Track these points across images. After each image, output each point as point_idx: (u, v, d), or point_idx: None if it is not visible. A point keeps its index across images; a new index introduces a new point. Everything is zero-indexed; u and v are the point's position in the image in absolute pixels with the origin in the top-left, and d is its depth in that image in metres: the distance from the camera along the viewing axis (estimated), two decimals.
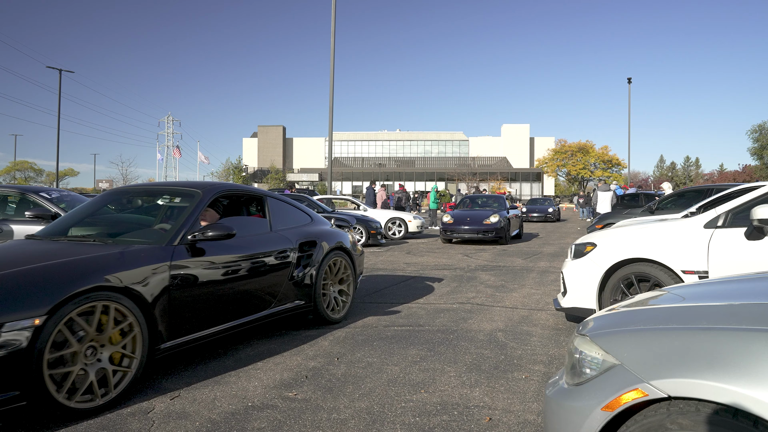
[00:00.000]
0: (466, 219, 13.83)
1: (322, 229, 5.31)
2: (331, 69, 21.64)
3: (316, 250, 4.99)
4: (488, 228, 13.42)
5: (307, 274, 4.84)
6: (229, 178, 58.37)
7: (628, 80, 40.34)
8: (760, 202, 4.09)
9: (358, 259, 5.73)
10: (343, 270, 5.43)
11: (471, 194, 21.13)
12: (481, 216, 13.83)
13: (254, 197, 5.08)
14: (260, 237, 4.53)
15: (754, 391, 1.37)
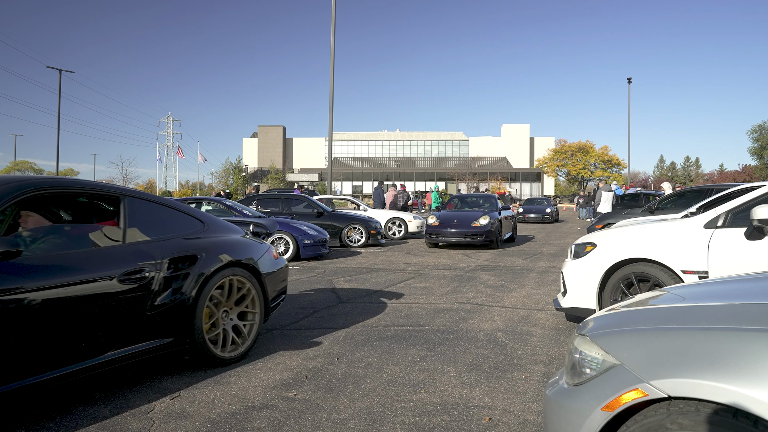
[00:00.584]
0: (452, 221, 12.60)
1: (215, 241, 4.05)
2: (331, 69, 21.63)
3: (198, 266, 3.74)
4: (477, 231, 12.21)
5: (178, 301, 3.58)
6: (228, 178, 58.36)
7: (628, 80, 40.35)
8: (760, 202, 4.09)
9: (272, 277, 4.48)
10: (246, 292, 4.17)
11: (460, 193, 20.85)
12: (470, 218, 12.58)
13: (102, 197, 3.71)
14: (94, 253, 3.32)
15: (754, 391, 1.37)
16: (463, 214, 13.12)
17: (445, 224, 12.61)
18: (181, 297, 3.61)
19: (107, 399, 3.26)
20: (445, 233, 12.48)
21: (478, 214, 12.70)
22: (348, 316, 5.54)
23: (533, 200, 29.07)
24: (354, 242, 12.93)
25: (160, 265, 3.51)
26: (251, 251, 4.30)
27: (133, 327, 3.36)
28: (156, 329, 3.48)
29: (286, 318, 5.47)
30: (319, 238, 10.60)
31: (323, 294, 6.82)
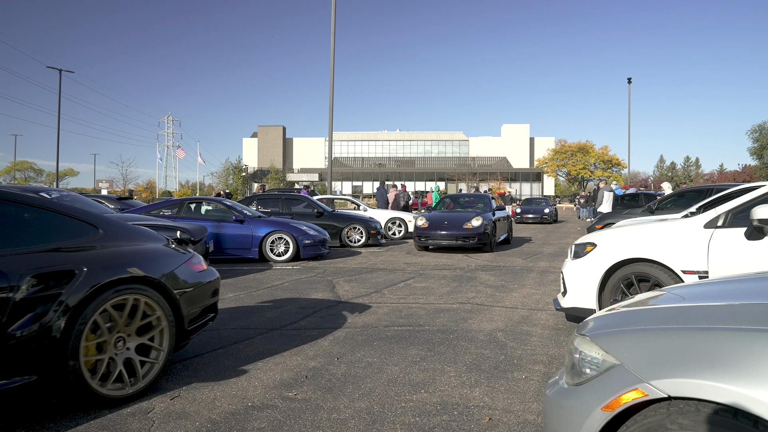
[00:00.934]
0: (443, 222, 11.76)
1: (109, 252, 3.29)
2: (331, 69, 21.62)
3: (75, 285, 2.96)
4: (469, 233, 11.39)
5: (41, 330, 2.81)
6: (228, 178, 58.36)
7: (628, 80, 40.35)
8: (760, 202, 4.09)
9: (192, 295, 3.70)
10: (155, 321, 3.41)
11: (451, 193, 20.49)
12: (461, 219, 11.74)
13: None
14: None
15: (754, 391, 1.37)
16: (455, 214, 12.25)
17: (435, 226, 11.72)
18: (46, 324, 2.83)
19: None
20: (434, 235, 11.58)
21: (471, 215, 11.91)
22: (348, 316, 5.54)
23: (531, 200, 28.08)
24: (354, 242, 12.93)
25: (16, 286, 2.74)
26: (161, 264, 3.53)
27: None
28: (10, 367, 2.73)
29: (286, 318, 5.47)
30: (319, 238, 10.59)
31: (323, 294, 6.82)
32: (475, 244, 11.55)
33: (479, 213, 12.11)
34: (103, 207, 8.33)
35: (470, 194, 15.35)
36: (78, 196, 8.28)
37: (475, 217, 11.70)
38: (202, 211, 10.79)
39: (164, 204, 10.80)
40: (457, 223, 11.71)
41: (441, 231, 11.60)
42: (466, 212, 12.47)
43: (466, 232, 11.49)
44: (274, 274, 8.61)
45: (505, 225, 13.65)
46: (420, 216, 12.32)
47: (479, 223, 11.57)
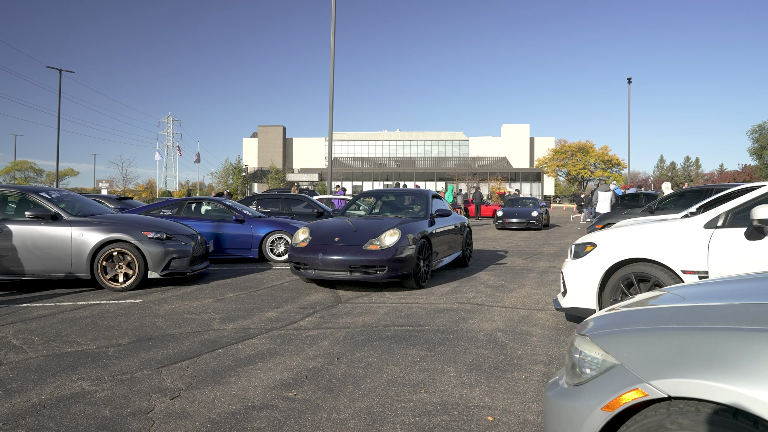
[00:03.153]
0: (332, 240, 7.11)
1: None
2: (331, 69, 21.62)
3: None
4: (372, 260, 6.75)
5: None
6: (228, 178, 58.35)
7: (628, 80, 40.36)
8: (760, 202, 4.09)
9: None
10: None
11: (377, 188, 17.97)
12: (364, 234, 7.13)
13: None
14: None
15: (754, 391, 1.37)
16: (357, 225, 7.47)
17: (320, 246, 7.00)
18: None
19: (107, 399, 3.26)
20: (316, 262, 6.84)
21: (383, 228, 7.15)
22: (348, 316, 5.54)
23: (516, 200, 22.64)
24: None
25: None
26: None
27: None
28: None
29: (286, 318, 5.47)
30: None
31: (323, 294, 6.82)
32: (384, 277, 6.73)
33: (401, 223, 7.38)
34: (103, 207, 8.32)
35: (402, 191, 10.10)
36: (78, 196, 8.28)
37: (389, 231, 7.00)
38: (202, 211, 10.79)
39: (164, 204, 10.80)
40: (355, 241, 6.96)
41: (327, 255, 6.81)
42: (380, 221, 7.65)
43: (367, 258, 6.72)
44: (274, 274, 8.61)
45: (457, 240, 9.05)
46: (303, 228, 7.66)
47: (393, 240, 6.86)
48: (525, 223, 19.74)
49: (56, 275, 6.94)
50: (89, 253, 6.91)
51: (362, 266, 6.78)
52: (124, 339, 4.63)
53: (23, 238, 6.84)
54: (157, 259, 7.10)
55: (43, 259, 6.88)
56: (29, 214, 6.87)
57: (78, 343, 4.50)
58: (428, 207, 8.44)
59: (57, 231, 6.94)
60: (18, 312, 5.70)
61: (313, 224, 7.77)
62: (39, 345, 4.43)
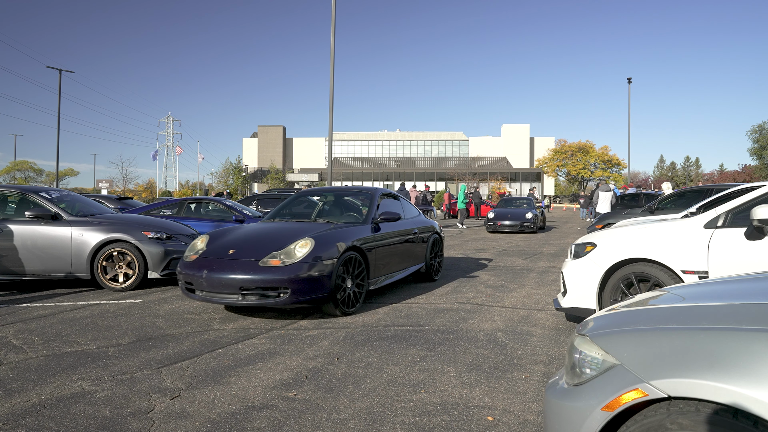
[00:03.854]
0: (212, 265, 5.29)
1: None
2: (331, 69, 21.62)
3: None
4: (272, 279, 5.05)
5: None
6: (228, 178, 58.35)
7: (628, 80, 40.33)
8: (760, 202, 4.09)
9: None
10: None
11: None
12: (247, 254, 5.36)
13: None
14: None
15: (754, 391, 1.37)
16: (267, 233, 5.89)
17: (208, 261, 5.40)
18: None
19: (107, 399, 3.26)
20: (200, 282, 5.27)
21: (294, 236, 5.53)
22: (348, 316, 5.54)
23: (510, 200, 20.76)
24: None
25: None
26: None
27: None
28: None
29: (286, 318, 5.46)
30: None
31: None
32: (290, 302, 5.12)
33: (321, 230, 5.74)
34: (103, 207, 8.32)
35: (346, 189, 7.95)
36: (78, 196, 8.28)
37: (299, 241, 5.34)
38: (202, 211, 10.79)
39: (164, 204, 10.80)
40: (252, 254, 5.34)
41: (213, 273, 5.20)
42: (295, 228, 5.96)
43: (263, 277, 5.05)
44: None
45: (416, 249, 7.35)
46: (203, 235, 5.99)
47: (303, 253, 5.23)
48: (518, 225, 17.84)
49: (56, 275, 6.94)
50: (89, 253, 6.91)
51: (257, 288, 5.03)
52: (124, 339, 4.63)
53: (23, 238, 6.84)
54: (157, 259, 7.10)
55: (43, 259, 6.87)
56: (29, 214, 6.87)
57: (78, 343, 4.50)
58: (371, 210, 6.63)
59: (57, 231, 6.94)
60: (18, 312, 5.70)
61: (216, 231, 6.10)
62: (39, 345, 4.43)
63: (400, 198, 7.76)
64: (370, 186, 8.73)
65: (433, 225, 8.13)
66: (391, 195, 7.55)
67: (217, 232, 6.07)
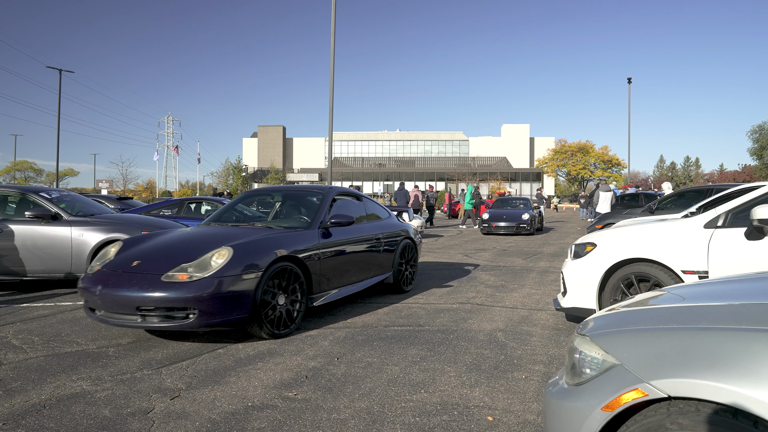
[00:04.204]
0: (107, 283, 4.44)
1: None
2: (331, 69, 21.62)
3: None
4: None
5: None
6: (228, 178, 58.36)
7: (628, 80, 40.33)
8: (760, 202, 4.09)
9: None
10: None
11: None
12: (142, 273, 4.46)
13: None
14: None
15: (754, 391, 1.37)
16: (185, 240, 5.07)
17: (106, 275, 4.59)
18: None
19: (107, 399, 3.26)
20: (94, 299, 4.48)
21: (211, 244, 4.70)
22: (348, 316, 5.54)
23: (506, 201, 19.90)
24: None
25: None
26: None
27: None
28: None
29: None
30: None
31: None
32: (199, 325, 4.29)
33: (245, 237, 4.90)
34: (103, 207, 8.32)
35: (296, 188, 7.04)
36: (78, 196, 8.28)
37: (216, 251, 4.52)
38: (202, 211, 10.79)
39: (164, 204, 10.80)
40: (157, 267, 4.51)
41: (109, 290, 4.39)
42: (217, 234, 5.16)
43: (165, 295, 4.23)
44: None
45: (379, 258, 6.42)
46: (118, 242, 5.21)
47: (218, 265, 4.40)
48: (514, 227, 16.87)
49: (56, 275, 6.94)
50: (89, 253, 6.91)
51: (159, 308, 4.21)
52: (124, 339, 4.63)
53: (23, 238, 6.84)
54: None
55: (43, 259, 6.88)
56: (29, 214, 6.87)
57: (78, 343, 4.50)
58: (319, 213, 5.69)
59: (57, 231, 6.94)
60: (18, 312, 5.70)
61: (137, 236, 5.31)
62: (39, 345, 4.43)
63: (363, 198, 6.89)
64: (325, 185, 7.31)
65: (405, 229, 7.24)
66: (352, 195, 6.71)
67: (138, 237, 5.28)
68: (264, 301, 4.51)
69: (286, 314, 4.75)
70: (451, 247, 13.11)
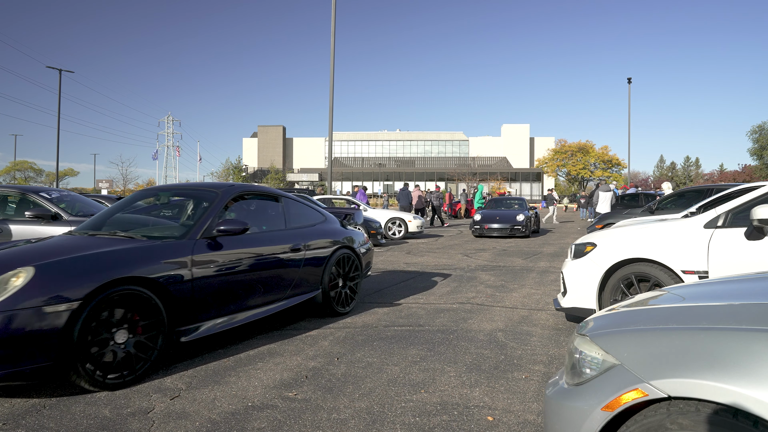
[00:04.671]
0: None
1: None
2: (331, 69, 21.62)
3: None
4: None
5: None
6: (228, 178, 58.37)
7: (628, 80, 40.35)
8: (760, 202, 4.09)
9: None
10: None
11: None
12: None
13: None
14: None
15: (754, 391, 1.37)
16: None
17: None
18: None
19: (107, 399, 3.26)
20: None
21: (13, 264, 3.45)
22: (348, 316, 5.54)
23: (500, 201, 18.75)
24: None
25: None
26: None
27: None
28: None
29: (286, 318, 5.46)
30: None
31: None
32: None
33: (61, 253, 3.70)
34: (103, 207, 8.32)
35: (186, 185, 5.93)
36: (78, 196, 8.28)
37: (11, 274, 3.29)
38: None
39: None
40: None
41: None
42: (51, 247, 4.02)
43: None
44: None
45: (300, 273, 5.16)
46: None
47: (8, 295, 3.15)
48: (508, 229, 15.81)
49: None
50: None
51: None
52: None
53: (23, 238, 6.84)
54: None
55: None
56: (29, 214, 6.87)
57: None
58: (201, 219, 4.47)
59: (57, 231, 6.93)
60: None
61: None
62: None
63: (283, 198, 5.48)
64: (224, 182, 6.33)
65: (349, 236, 5.96)
66: (265, 194, 5.42)
67: None
68: (89, 341, 3.32)
69: (133, 355, 3.56)
70: (451, 247, 13.12)
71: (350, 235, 6.05)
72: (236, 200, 4.99)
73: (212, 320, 4.23)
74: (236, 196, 4.97)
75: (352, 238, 6.03)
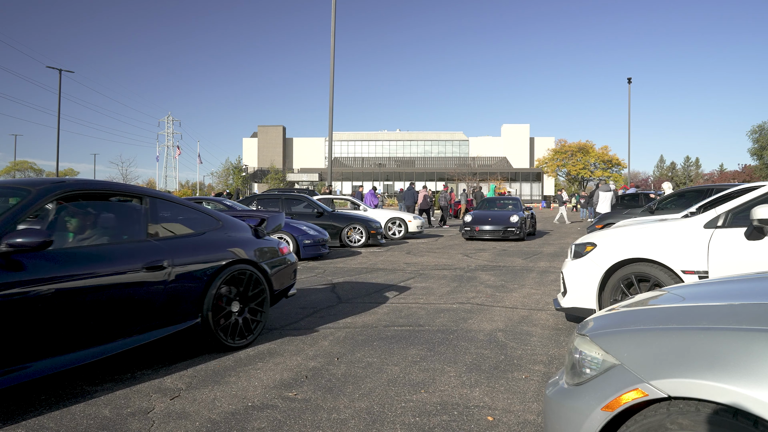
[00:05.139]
0: None
1: None
2: (331, 69, 21.63)
3: None
4: None
5: None
6: (228, 178, 58.37)
7: (628, 80, 40.35)
8: (760, 202, 4.09)
9: None
10: None
11: None
12: None
13: None
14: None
15: (754, 391, 1.37)
16: None
17: None
18: None
19: (107, 399, 3.26)
20: None
21: None
22: (348, 316, 5.54)
23: (493, 201, 17.58)
24: (354, 242, 12.93)
25: None
26: None
27: None
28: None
29: (286, 318, 5.47)
30: (319, 238, 10.57)
31: (323, 294, 6.82)
32: None
33: None
34: None
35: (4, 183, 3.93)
36: None
37: None
38: None
39: None
40: None
41: None
42: None
43: None
44: None
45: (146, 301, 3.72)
46: None
47: None
48: (501, 231, 14.69)
49: None
50: None
51: None
52: None
53: None
54: None
55: None
56: None
57: None
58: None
59: None
60: None
61: None
62: None
63: (149, 198, 4.10)
64: (45, 178, 4.90)
65: (259, 247, 4.77)
66: (118, 193, 4.09)
67: None
68: None
69: None
70: (451, 247, 13.12)
71: (260, 246, 4.79)
72: (68, 201, 3.70)
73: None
74: (65, 196, 3.61)
75: (261, 249, 4.77)
